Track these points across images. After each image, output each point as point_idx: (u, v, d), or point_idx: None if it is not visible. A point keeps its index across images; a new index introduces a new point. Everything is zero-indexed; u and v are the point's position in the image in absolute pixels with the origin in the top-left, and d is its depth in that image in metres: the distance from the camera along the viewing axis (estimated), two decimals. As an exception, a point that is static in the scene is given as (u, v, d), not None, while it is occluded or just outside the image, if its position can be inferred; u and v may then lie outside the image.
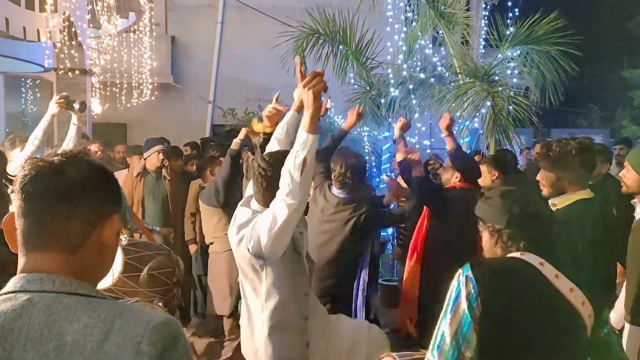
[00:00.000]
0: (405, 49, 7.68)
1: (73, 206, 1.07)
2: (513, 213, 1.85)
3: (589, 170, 2.76)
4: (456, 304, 1.72)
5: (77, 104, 3.87)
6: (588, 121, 16.97)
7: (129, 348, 0.97)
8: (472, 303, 1.69)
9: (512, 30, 6.84)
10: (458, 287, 1.74)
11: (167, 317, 1.06)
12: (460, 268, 1.78)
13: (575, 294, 1.76)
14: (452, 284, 1.77)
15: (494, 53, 7.34)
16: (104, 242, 1.12)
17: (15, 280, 1.06)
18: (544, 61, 6.71)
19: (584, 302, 1.77)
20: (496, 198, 1.91)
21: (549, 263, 1.78)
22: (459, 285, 1.74)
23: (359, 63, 7.43)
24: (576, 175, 2.69)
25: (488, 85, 6.20)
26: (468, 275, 1.74)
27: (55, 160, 1.09)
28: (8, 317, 1.00)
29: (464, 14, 7.31)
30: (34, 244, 1.07)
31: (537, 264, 1.78)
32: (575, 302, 1.76)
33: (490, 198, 1.93)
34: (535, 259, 1.79)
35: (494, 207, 1.89)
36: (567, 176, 2.70)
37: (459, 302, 1.71)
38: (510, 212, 1.85)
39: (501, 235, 1.86)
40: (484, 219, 1.93)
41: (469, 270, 1.75)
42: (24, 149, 3.77)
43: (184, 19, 12.64)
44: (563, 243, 1.97)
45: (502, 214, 1.86)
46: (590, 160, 2.76)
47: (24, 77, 10.26)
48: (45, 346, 0.97)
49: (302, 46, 7.19)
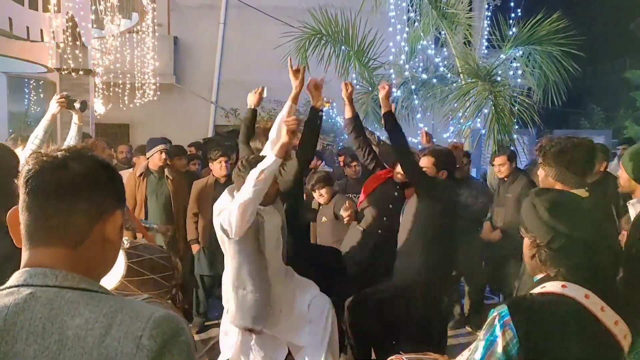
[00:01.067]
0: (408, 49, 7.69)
1: (75, 201, 1.08)
2: (559, 232, 1.63)
3: (582, 169, 2.65)
4: (489, 352, 1.55)
5: (78, 103, 3.87)
6: (590, 122, 16.95)
7: (129, 342, 0.98)
8: (512, 352, 1.52)
9: (514, 31, 6.85)
10: (494, 332, 1.55)
11: (168, 312, 1.06)
12: (496, 310, 1.59)
13: (620, 327, 1.60)
14: (484, 328, 1.59)
15: (496, 53, 7.35)
16: (106, 238, 1.12)
17: (19, 275, 1.06)
18: (546, 62, 6.71)
19: (626, 335, 1.62)
20: (543, 209, 1.67)
21: (593, 294, 1.59)
22: (495, 331, 1.55)
23: (361, 63, 7.44)
24: (565, 174, 2.62)
25: (490, 85, 6.20)
26: (506, 322, 1.54)
27: (58, 155, 1.10)
28: (11, 310, 1.00)
29: (466, 14, 7.31)
30: (37, 238, 1.08)
31: (582, 298, 1.58)
32: (619, 337, 1.60)
33: (538, 205, 1.70)
34: (579, 292, 1.59)
35: (538, 220, 1.67)
36: (556, 175, 2.64)
37: (493, 350, 1.54)
38: (556, 230, 1.63)
39: (540, 253, 1.68)
40: (527, 227, 1.72)
41: (507, 316, 1.55)
42: (25, 148, 3.78)
43: (186, 20, 12.68)
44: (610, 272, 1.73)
45: (546, 230, 1.65)
46: (582, 159, 2.64)
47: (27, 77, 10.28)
48: (47, 340, 0.98)
49: (305, 46, 7.21)
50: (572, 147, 2.61)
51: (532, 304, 1.61)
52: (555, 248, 1.63)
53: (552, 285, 1.64)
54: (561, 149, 2.62)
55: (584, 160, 2.64)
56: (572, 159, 2.60)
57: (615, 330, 1.59)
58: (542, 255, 1.67)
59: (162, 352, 0.99)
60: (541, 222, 1.66)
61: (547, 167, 2.67)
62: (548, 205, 1.68)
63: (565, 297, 1.59)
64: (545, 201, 1.69)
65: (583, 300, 1.58)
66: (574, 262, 1.63)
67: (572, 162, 2.60)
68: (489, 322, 1.58)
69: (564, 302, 1.59)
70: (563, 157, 2.61)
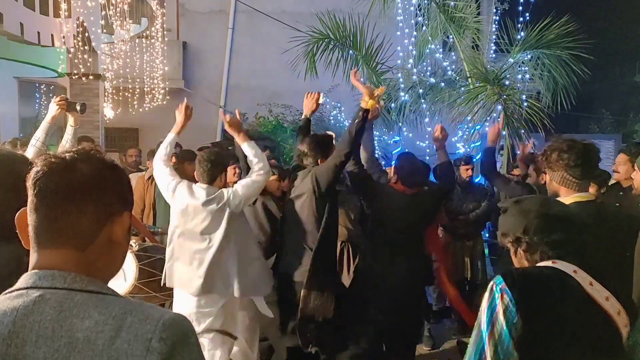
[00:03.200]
0: (416, 53, 7.68)
1: (83, 203, 1.08)
2: (530, 217, 1.74)
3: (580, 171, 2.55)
4: (492, 319, 1.61)
5: (79, 105, 3.90)
6: (600, 126, 16.83)
7: (139, 345, 0.97)
8: (511, 316, 1.59)
9: (522, 35, 6.82)
10: (493, 301, 1.63)
11: (178, 314, 1.06)
12: (492, 281, 1.67)
13: (611, 302, 1.66)
14: (485, 298, 1.66)
15: (504, 57, 7.32)
16: (114, 240, 1.12)
17: (27, 277, 1.06)
18: (555, 65, 6.68)
19: (620, 311, 1.66)
20: (511, 207, 1.82)
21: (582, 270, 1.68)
22: (494, 300, 1.63)
23: (369, 68, 7.44)
24: (565, 176, 2.57)
25: (499, 89, 6.18)
26: (502, 287, 1.63)
27: (67, 156, 1.10)
28: (20, 313, 1.00)
29: (474, 18, 7.30)
30: (45, 240, 1.08)
31: (571, 272, 1.67)
32: (611, 312, 1.65)
33: (507, 210, 1.83)
34: (568, 266, 1.68)
35: (510, 216, 1.80)
36: (558, 178, 2.60)
37: (495, 317, 1.61)
38: (527, 216, 1.75)
39: (521, 244, 1.76)
40: (503, 231, 1.82)
41: (502, 282, 1.64)
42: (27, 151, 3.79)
43: (195, 25, 12.74)
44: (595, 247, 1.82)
45: (518, 220, 1.77)
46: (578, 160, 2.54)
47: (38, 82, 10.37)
48: (57, 342, 0.97)
49: (313, 51, 7.21)
50: (568, 149, 2.56)
51: (524, 271, 1.74)
52: (532, 230, 1.73)
53: (543, 263, 1.73)
54: (558, 151, 2.58)
55: (581, 162, 2.54)
56: (569, 161, 2.54)
57: (606, 305, 1.64)
58: (523, 245, 1.75)
59: (172, 355, 0.99)
60: (512, 216, 1.79)
61: (550, 171, 2.64)
62: (513, 200, 1.85)
63: (556, 269, 1.69)
64: (509, 202, 1.86)
65: (572, 274, 1.66)
66: (555, 240, 1.72)
67: (569, 164, 2.54)
68: (488, 292, 1.66)
69: (554, 272, 1.68)
70: (560, 159, 2.56)
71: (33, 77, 9.55)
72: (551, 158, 2.60)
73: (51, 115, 3.78)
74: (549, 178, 2.67)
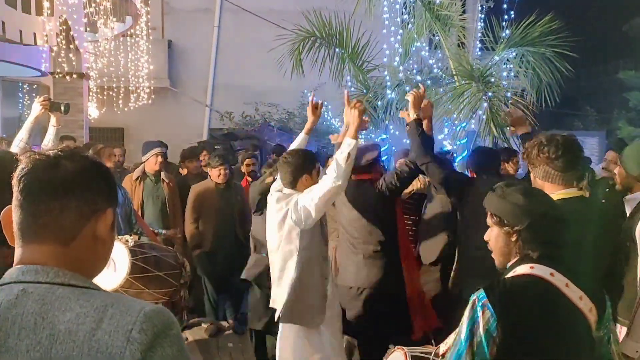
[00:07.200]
0: (402, 51, 7.69)
1: (67, 199, 1.09)
2: (536, 214, 1.77)
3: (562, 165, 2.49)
4: (472, 332, 1.68)
5: (63, 105, 3.88)
6: (584, 123, 17.03)
7: (120, 336, 0.99)
8: (491, 331, 1.65)
9: (507, 33, 6.86)
10: (474, 315, 1.69)
11: (159, 306, 1.08)
12: (474, 295, 1.72)
13: (584, 301, 1.73)
14: (467, 311, 1.71)
15: (489, 55, 7.37)
16: (97, 236, 1.14)
17: (11, 272, 1.08)
18: (539, 63, 6.72)
19: (591, 308, 1.75)
20: (517, 196, 1.81)
21: (558, 272, 1.74)
22: (476, 313, 1.68)
23: (356, 66, 7.44)
24: (548, 171, 2.51)
25: (484, 86, 6.22)
26: (484, 302, 1.68)
27: (51, 154, 1.12)
28: (3, 307, 1.02)
29: (459, 16, 7.33)
30: (29, 235, 1.10)
31: (548, 275, 1.73)
32: (585, 310, 1.73)
33: (510, 195, 1.82)
34: (545, 270, 1.74)
35: (515, 206, 1.80)
36: (541, 173, 2.54)
37: (475, 331, 1.67)
38: (533, 213, 1.77)
39: (520, 236, 1.79)
40: (502, 217, 1.83)
41: (485, 298, 1.69)
42: None
43: (180, 23, 12.68)
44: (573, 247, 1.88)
45: (524, 214, 1.77)
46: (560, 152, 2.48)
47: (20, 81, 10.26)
48: (39, 334, 0.99)
49: (299, 49, 7.20)
50: (547, 142, 2.51)
51: (504, 284, 1.78)
52: (534, 227, 1.77)
53: (521, 268, 1.79)
54: (537, 146, 2.53)
55: (562, 152, 2.47)
56: (549, 153, 2.49)
57: (580, 304, 1.73)
58: (521, 238, 1.79)
59: (153, 345, 1.00)
60: (518, 207, 1.79)
61: (533, 168, 2.59)
62: (522, 190, 1.84)
63: (534, 276, 1.75)
64: (516, 190, 1.84)
65: (549, 278, 1.74)
66: (549, 238, 1.78)
67: (550, 157, 2.49)
68: (470, 305, 1.72)
69: (533, 281, 1.75)
70: (541, 153, 2.51)
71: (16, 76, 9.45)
72: (532, 154, 2.55)
73: (34, 115, 3.76)
74: (533, 176, 2.62)
